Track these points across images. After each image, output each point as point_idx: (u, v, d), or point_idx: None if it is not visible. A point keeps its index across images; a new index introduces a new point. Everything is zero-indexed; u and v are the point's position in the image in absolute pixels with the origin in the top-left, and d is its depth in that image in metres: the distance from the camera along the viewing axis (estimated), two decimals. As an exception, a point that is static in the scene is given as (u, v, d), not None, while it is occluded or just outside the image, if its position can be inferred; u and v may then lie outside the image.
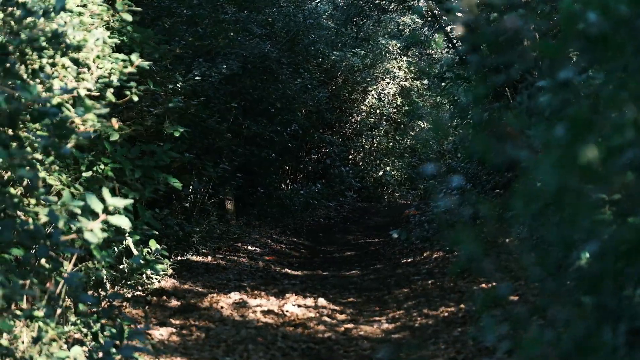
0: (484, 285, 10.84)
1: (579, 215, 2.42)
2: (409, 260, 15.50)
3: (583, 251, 2.81)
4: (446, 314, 11.15)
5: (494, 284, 2.87)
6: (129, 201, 6.10)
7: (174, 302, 11.83)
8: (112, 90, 8.30)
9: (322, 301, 12.57)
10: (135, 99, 9.09)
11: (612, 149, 2.50)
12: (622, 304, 3.00)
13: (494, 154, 2.82)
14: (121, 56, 8.46)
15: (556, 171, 2.36)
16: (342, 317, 11.87)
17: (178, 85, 13.25)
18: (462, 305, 11.03)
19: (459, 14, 3.27)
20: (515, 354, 2.87)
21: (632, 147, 2.47)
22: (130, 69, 8.38)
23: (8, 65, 6.14)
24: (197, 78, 14.40)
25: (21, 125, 6.28)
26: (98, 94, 8.13)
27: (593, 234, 2.66)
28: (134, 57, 8.55)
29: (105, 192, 6.27)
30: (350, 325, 11.30)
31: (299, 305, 12.27)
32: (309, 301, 12.54)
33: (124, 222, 6.32)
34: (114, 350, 6.48)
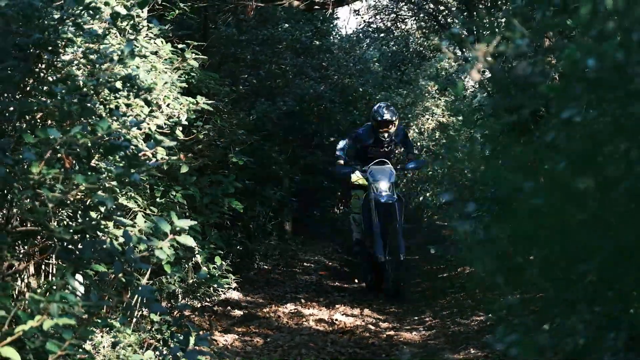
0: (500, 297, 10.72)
1: (572, 233, 2.38)
2: (445, 275, 15.38)
3: (586, 267, 2.75)
4: (476, 323, 11.06)
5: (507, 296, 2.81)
6: (192, 222, 6.10)
7: (237, 312, 11.82)
8: (180, 128, 8.34)
9: (367, 311, 12.51)
10: (201, 136, 9.14)
11: (608, 180, 2.45)
12: (623, 314, 2.94)
13: (504, 182, 2.77)
14: (189, 99, 8.50)
15: (550, 198, 2.33)
16: (384, 325, 11.80)
17: (241, 120, 13.31)
18: (490, 315, 10.93)
19: (477, 64, 3.24)
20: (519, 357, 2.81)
21: (626, 179, 2.41)
22: (195, 108, 8.42)
23: (86, 103, 6.16)
24: (256, 115, 14.47)
25: (98, 157, 6.30)
26: (168, 131, 8.16)
27: (593, 253, 2.60)
28: (199, 98, 8.59)
29: (173, 215, 6.29)
30: (392, 333, 11.23)
31: (347, 315, 12.22)
32: (356, 311, 12.48)
33: (189, 241, 6.32)
34: (181, 353, 6.48)
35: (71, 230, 5.95)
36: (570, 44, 2.89)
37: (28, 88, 6.06)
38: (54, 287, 5.77)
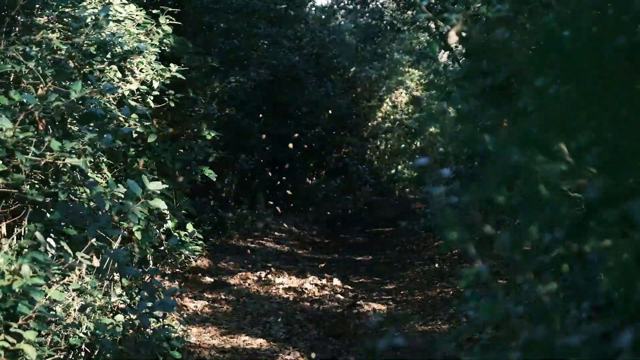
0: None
1: (543, 194, 2.41)
2: (414, 247, 15.46)
3: (553, 236, 2.78)
4: (444, 294, 11.15)
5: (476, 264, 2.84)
6: (164, 186, 6.13)
7: (208, 279, 11.85)
8: (152, 96, 8.33)
9: (336, 281, 12.56)
10: (172, 105, 9.12)
11: (579, 147, 2.49)
12: (587, 285, 2.98)
13: (477, 142, 2.80)
14: (161, 66, 8.48)
15: (525, 154, 2.35)
16: (354, 294, 11.87)
17: (215, 91, 13.28)
18: (458, 287, 11.02)
19: (456, 24, 3.26)
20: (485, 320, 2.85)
21: (596, 147, 2.45)
22: (168, 75, 8.39)
23: (61, 67, 6.15)
24: (232, 84, 14.41)
25: (73, 122, 6.30)
26: (140, 97, 8.15)
27: (559, 221, 2.64)
28: (172, 66, 8.57)
29: (145, 179, 6.29)
30: (360, 302, 11.29)
31: (316, 284, 12.27)
32: (325, 281, 12.53)
33: (160, 204, 6.34)
34: (149, 315, 6.50)
35: (44, 193, 5.94)
36: (548, 13, 2.93)
37: (2, 50, 6.02)
38: (26, 248, 5.76)
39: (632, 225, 2.25)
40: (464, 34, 3.49)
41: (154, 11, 9.11)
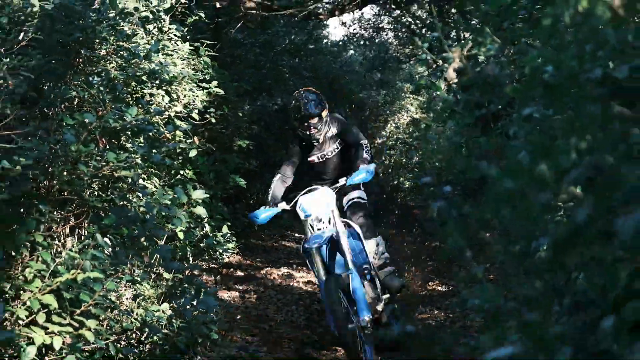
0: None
1: (533, 215, 2.41)
2: (414, 247, 15.42)
3: (539, 243, 2.79)
4: (441, 290, 11.12)
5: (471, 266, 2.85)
6: (205, 195, 6.15)
7: (239, 273, 11.85)
8: (196, 111, 8.39)
9: (348, 276, 12.53)
10: (213, 121, 9.17)
11: (562, 169, 2.49)
12: (567, 285, 2.99)
13: (473, 168, 2.80)
14: (203, 85, 8.60)
15: (517, 182, 2.35)
16: (362, 288, 11.84)
17: (245, 112, 13.33)
18: (452, 284, 11.01)
19: (453, 63, 3.26)
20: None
21: (575, 168, 2.46)
22: (208, 98, 8.44)
23: (117, 92, 6.18)
24: (259, 107, 14.47)
25: (125, 138, 6.32)
26: (185, 115, 8.19)
27: (545, 230, 2.64)
28: (212, 85, 8.64)
29: (190, 188, 6.32)
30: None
31: (331, 278, 12.25)
32: (339, 275, 12.51)
33: (202, 212, 6.35)
34: (192, 305, 6.51)
35: (102, 200, 5.96)
36: (532, 50, 2.93)
37: (68, 79, 6.06)
38: (87, 247, 5.79)
39: (612, 240, 2.25)
40: (460, 70, 3.49)
41: (195, 44, 9.26)
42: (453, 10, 13.52)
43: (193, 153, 8.45)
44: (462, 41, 3.46)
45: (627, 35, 2.58)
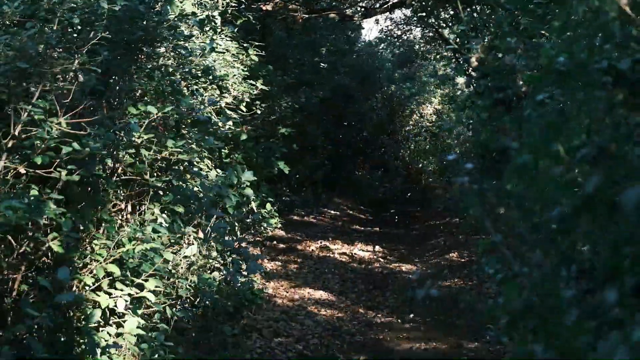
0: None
1: (547, 187, 2.36)
2: (437, 222, 15.35)
3: (552, 214, 2.75)
4: (460, 259, 11.06)
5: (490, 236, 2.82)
6: (253, 178, 6.16)
7: (281, 246, 11.87)
8: (244, 104, 8.38)
9: (378, 248, 12.52)
10: (259, 112, 9.16)
11: (572, 147, 2.45)
12: (574, 253, 2.95)
13: (495, 142, 2.76)
14: (250, 81, 8.57)
15: (533, 157, 2.31)
16: (391, 258, 11.82)
17: (288, 103, 13.32)
18: (471, 254, 10.95)
19: (475, 54, 3.24)
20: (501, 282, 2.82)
21: (585, 147, 2.42)
22: (255, 92, 8.43)
23: (175, 86, 6.20)
24: (301, 99, 14.45)
25: (184, 127, 6.34)
26: (234, 107, 8.19)
27: (557, 202, 2.60)
28: (258, 83, 8.61)
29: (239, 170, 6.31)
30: (396, 264, 11.25)
31: (363, 250, 12.24)
32: (370, 247, 12.49)
33: (249, 192, 6.35)
34: (239, 273, 6.53)
35: (161, 181, 5.98)
36: (547, 43, 2.88)
37: (132, 73, 6.08)
38: (147, 221, 5.82)
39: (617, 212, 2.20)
40: (481, 60, 3.45)
41: (245, 44, 9.25)
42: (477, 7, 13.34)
43: (243, 137, 8.48)
44: (484, 34, 3.43)
45: (631, 30, 2.54)
